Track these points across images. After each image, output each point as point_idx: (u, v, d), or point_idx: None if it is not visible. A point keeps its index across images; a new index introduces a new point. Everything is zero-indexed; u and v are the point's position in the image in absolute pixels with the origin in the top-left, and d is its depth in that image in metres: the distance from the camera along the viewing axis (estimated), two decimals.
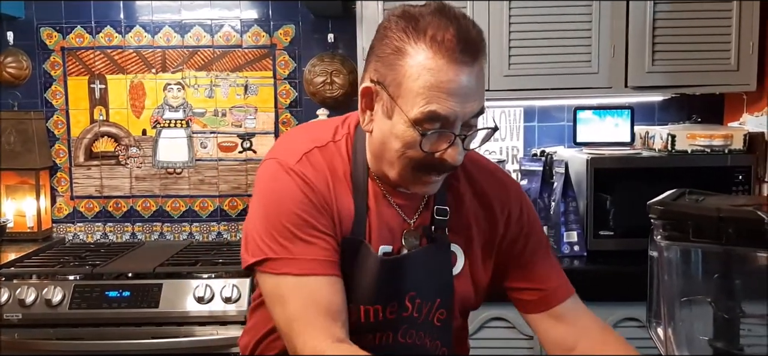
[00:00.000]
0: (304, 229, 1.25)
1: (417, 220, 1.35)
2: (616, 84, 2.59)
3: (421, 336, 1.35)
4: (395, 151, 1.22)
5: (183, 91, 3.02)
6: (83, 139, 3.06)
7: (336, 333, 1.23)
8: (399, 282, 1.31)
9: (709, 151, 2.50)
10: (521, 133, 3.03)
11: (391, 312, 1.31)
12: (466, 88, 1.15)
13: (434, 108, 1.15)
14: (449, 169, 1.24)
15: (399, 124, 1.19)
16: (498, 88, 2.61)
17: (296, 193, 1.25)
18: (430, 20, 1.17)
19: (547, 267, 1.44)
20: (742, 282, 1.07)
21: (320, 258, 1.24)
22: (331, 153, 1.31)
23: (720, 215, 1.03)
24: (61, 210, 3.10)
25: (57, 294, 2.37)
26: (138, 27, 3.00)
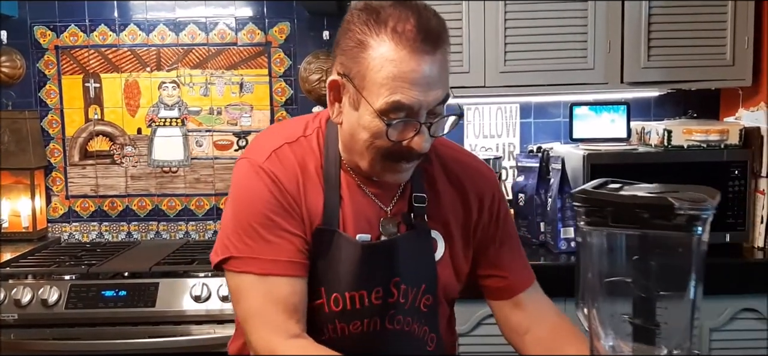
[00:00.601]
0: (269, 229, 1.28)
1: (394, 208, 1.38)
2: (612, 79, 2.59)
3: (408, 322, 1.37)
4: (363, 142, 1.25)
5: (178, 90, 3.01)
6: (78, 138, 3.05)
7: (291, 329, 1.26)
8: (382, 268, 1.33)
9: (706, 147, 2.50)
10: (517, 129, 3.03)
11: (377, 297, 1.33)
12: (428, 77, 1.18)
13: (398, 98, 1.18)
14: (417, 157, 1.27)
15: (365, 115, 1.22)
16: (494, 84, 2.61)
17: (264, 193, 1.29)
18: (390, 12, 1.19)
19: (514, 255, 1.49)
20: (657, 263, 1.15)
21: (282, 259, 1.28)
22: (301, 147, 1.34)
23: (635, 202, 1.11)
24: (57, 210, 3.09)
25: (53, 294, 2.36)
26: (132, 25, 2.99)
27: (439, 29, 1.21)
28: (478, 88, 2.62)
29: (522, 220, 2.68)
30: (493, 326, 2.38)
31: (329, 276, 1.32)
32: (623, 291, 1.18)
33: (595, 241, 1.18)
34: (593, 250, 1.19)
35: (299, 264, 1.29)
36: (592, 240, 1.18)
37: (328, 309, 1.32)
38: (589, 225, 1.17)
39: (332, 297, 1.32)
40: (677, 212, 1.07)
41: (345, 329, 1.33)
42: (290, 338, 1.26)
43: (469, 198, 1.45)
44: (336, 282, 1.32)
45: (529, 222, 2.66)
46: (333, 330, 1.34)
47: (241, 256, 1.29)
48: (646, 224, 1.10)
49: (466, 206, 1.44)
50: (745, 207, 2.51)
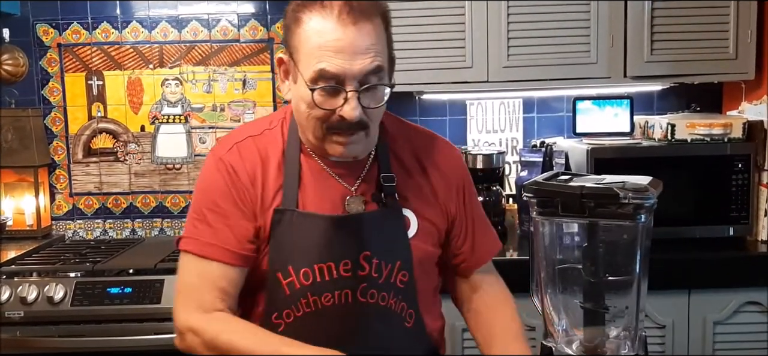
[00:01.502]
0: (215, 215, 1.38)
1: (359, 187, 1.44)
2: (615, 74, 2.59)
3: (384, 297, 1.42)
4: (303, 113, 1.34)
5: (181, 87, 3.02)
6: (81, 136, 3.05)
7: (214, 307, 1.36)
8: (348, 241, 1.39)
9: (709, 140, 2.51)
10: (520, 123, 3.03)
11: (345, 270, 1.39)
12: (353, 46, 1.26)
13: (323, 65, 1.27)
14: (351, 127, 1.33)
15: (301, 87, 1.31)
16: (497, 79, 2.61)
17: (218, 182, 1.40)
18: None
19: (479, 237, 1.56)
20: (604, 250, 1.22)
21: (219, 244, 1.37)
22: (265, 140, 1.44)
23: (582, 192, 1.18)
24: (61, 208, 3.10)
25: (59, 292, 2.36)
26: (135, 22, 2.99)
27: (367, 2, 1.30)
28: (481, 82, 2.63)
29: (525, 215, 2.69)
30: None
31: (295, 253, 1.38)
32: (574, 278, 1.26)
33: (546, 231, 1.27)
34: (545, 239, 1.28)
35: (235, 254, 1.38)
36: (544, 229, 1.27)
37: (299, 284, 1.39)
38: (540, 215, 1.26)
39: (302, 271, 1.38)
40: (622, 201, 1.15)
41: (318, 301, 1.38)
42: (206, 312, 1.35)
43: (440, 178, 1.51)
44: (303, 257, 1.38)
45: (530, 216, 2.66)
46: (306, 304, 1.39)
47: (187, 236, 1.40)
48: (592, 213, 1.18)
49: (437, 185, 1.50)
50: (749, 201, 2.51)
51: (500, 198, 2.75)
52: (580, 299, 1.25)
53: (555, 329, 1.30)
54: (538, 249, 1.29)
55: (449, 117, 3.04)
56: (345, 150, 1.37)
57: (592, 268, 1.22)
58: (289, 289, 1.39)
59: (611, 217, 1.17)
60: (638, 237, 1.21)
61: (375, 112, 1.36)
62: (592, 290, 1.23)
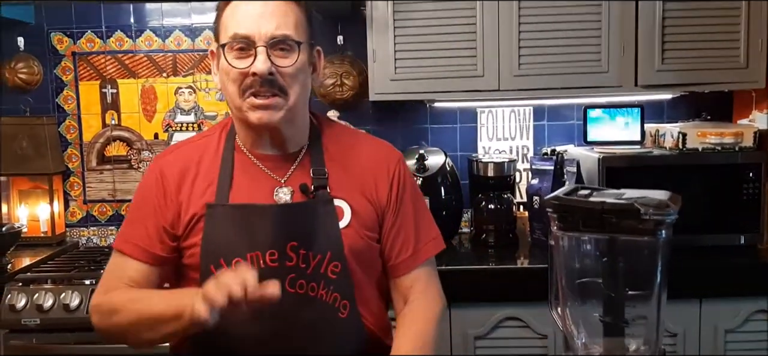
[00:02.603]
0: (137, 213, 1.52)
1: (289, 180, 1.51)
2: (626, 82, 2.60)
3: (313, 287, 1.45)
4: (225, 84, 1.45)
5: (194, 95, 3.04)
6: (95, 144, 3.08)
7: (113, 289, 1.48)
8: (275, 231, 1.44)
9: (720, 149, 2.51)
10: (531, 131, 3.04)
11: (272, 260, 1.43)
12: (260, 12, 1.41)
13: (233, 30, 1.41)
14: (265, 84, 1.40)
15: (222, 60, 1.43)
16: (508, 87, 2.62)
17: (147, 183, 1.53)
18: None
19: (418, 232, 1.58)
20: (624, 265, 1.24)
21: (134, 242, 1.49)
22: (201, 143, 1.55)
23: (603, 208, 1.19)
24: (74, 215, 3.12)
25: (74, 299, 2.38)
26: (148, 31, 3.02)
27: None
28: (492, 91, 2.64)
29: (537, 223, 2.70)
30: (511, 328, 2.43)
31: (226, 244, 1.44)
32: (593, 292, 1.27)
33: (566, 245, 1.27)
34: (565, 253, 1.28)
35: (147, 252, 1.48)
36: (564, 243, 1.28)
37: None
38: (561, 229, 1.27)
39: (233, 262, 1.43)
40: (643, 217, 1.16)
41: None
42: (111, 292, 1.48)
43: (372, 171, 1.56)
44: (234, 248, 1.44)
45: (544, 224, 2.67)
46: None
47: (119, 232, 1.55)
48: (613, 228, 1.19)
49: (369, 177, 1.55)
50: (760, 209, 2.52)
51: (511, 206, 2.76)
52: (599, 312, 1.26)
53: (575, 342, 1.31)
54: (558, 262, 1.30)
55: (460, 124, 3.06)
56: (263, 114, 1.43)
57: (612, 283, 1.24)
58: None
59: (632, 233, 1.18)
60: (659, 252, 1.21)
61: (290, 78, 1.44)
62: (612, 304, 1.24)
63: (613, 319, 1.25)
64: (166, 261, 1.51)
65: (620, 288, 1.24)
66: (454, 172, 2.82)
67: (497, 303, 2.43)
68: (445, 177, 2.76)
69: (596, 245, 1.25)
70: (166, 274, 1.53)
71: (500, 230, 2.73)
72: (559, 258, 1.29)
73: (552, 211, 1.27)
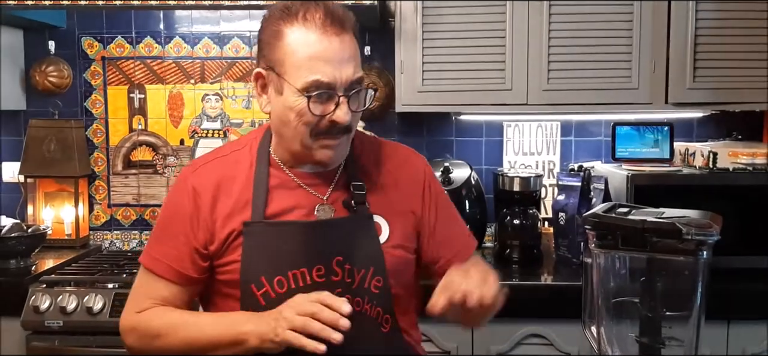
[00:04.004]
0: (167, 231, 1.48)
1: (330, 197, 1.48)
2: (656, 100, 2.57)
3: (358, 302, 1.44)
4: (292, 122, 1.39)
5: (221, 102, 3.05)
6: (121, 148, 3.10)
7: (143, 307, 1.47)
8: (320, 247, 1.43)
9: (752, 169, 2.48)
10: (558, 147, 3.02)
11: (319, 275, 1.42)
12: (340, 55, 1.35)
13: (316, 76, 1.34)
14: (341, 131, 1.40)
15: (290, 97, 1.37)
16: (537, 102, 2.61)
17: (177, 200, 1.48)
18: (300, 6, 1.37)
19: (454, 233, 1.59)
20: (663, 285, 1.22)
21: (165, 262, 1.46)
22: (231, 159, 1.51)
23: (644, 226, 1.18)
24: (99, 218, 3.14)
25: (98, 302, 2.39)
26: (177, 38, 3.04)
27: (345, 16, 1.38)
28: (521, 105, 2.62)
29: (562, 239, 2.67)
30: (534, 346, 2.40)
31: (267, 262, 1.42)
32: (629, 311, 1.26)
33: (603, 262, 1.26)
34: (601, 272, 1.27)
35: (179, 273, 1.46)
36: (601, 261, 1.27)
37: (274, 294, 1.41)
38: (599, 247, 1.25)
39: (275, 280, 1.41)
40: (685, 237, 1.14)
41: None
42: (137, 313, 1.49)
43: (404, 182, 1.55)
44: (276, 265, 1.41)
45: (569, 241, 2.64)
46: None
47: (145, 249, 1.52)
48: (654, 247, 1.17)
49: (402, 190, 1.54)
50: None
51: (536, 221, 2.74)
52: (634, 332, 1.24)
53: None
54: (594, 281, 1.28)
55: (485, 138, 3.04)
56: (334, 153, 1.43)
57: (649, 303, 1.22)
58: (264, 300, 1.41)
59: (672, 252, 1.16)
60: (699, 273, 1.20)
61: (356, 117, 1.43)
62: (649, 324, 1.23)
63: (650, 340, 1.23)
64: (197, 282, 1.49)
65: (658, 309, 1.22)
66: (478, 185, 2.80)
67: (520, 320, 2.40)
68: (470, 190, 2.74)
69: (634, 264, 1.23)
70: (196, 291, 1.52)
71: (525, 246, 2.71)
72: (595, 276, 1.27)
73: (590, 228, 1.25)
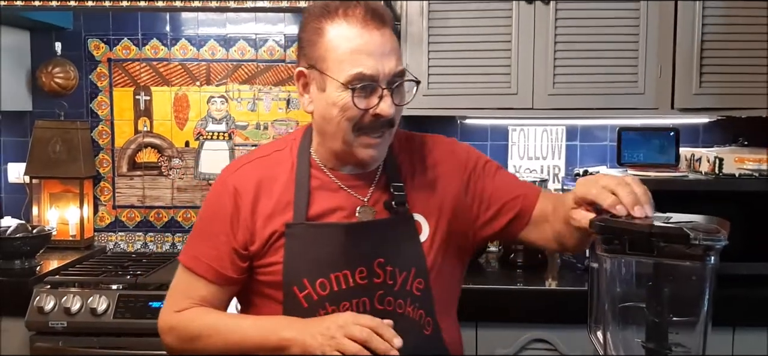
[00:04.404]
0: (207, 230, 1.47)
1: (371, 198, 1.48)
2: (662, 105, 2.56)
3: (400, 304, 1.44)
4: (335, 118, 1.38)
5: (226, 104, 3.05)
6: (127, 150, 3.10)
7: (182, 307, 1.46)
8: (362, 249, 1.42)
9: (758, 175, 2.46)
10: (563, 152, 3.01)
11: (361, 277, 1.42)
12: (381, 48, 1.35)
13: (359, 69, 1.34)
14: (385, 125, 1.40)
15: (333, 92, 1.37)
16: (542, 106, 2.60)
17: (218, 200, 1.48)
18: (339, 3, 1.38)
19: (509, 186, 1.55)
20: (670, 290, 1.21)
21: (205, 261, 1.45)
22: (272, 160, 1.50)
23: (651, 231, 1.16)
24: (103, 219, 3.14)
25: (102, 304, 2.39)
26: (183, 40, 3.04)
27: (384, 11, 1.39)
28: (526, 109, 2.61)
29: None
30: (538, 351, 2.39)
31: (310, 264, 1.41)
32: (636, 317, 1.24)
33: (609, 267, 1.25)
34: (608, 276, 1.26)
35: (218, 273, 1.45)
36: (607, 266, 1.25)
37: (316, 295, 1.40)
38: (606, 252, 1.24)
39: (318, 282, 1.41)
40: (693, 242, 1.13)
41: (336, 311, 1.39)
42: (176, 312, 1.48)
43: (444, 175, 1.53)
44: (317, 267, 1.41)
45: None
46: (325, 315, 1.39)
47: (184, 248, 1.52)
48: (661, 253, 1.16)
49: (446, 186, 1.52)
50: None
51: None
52: (641, 338, 1.23)
53: None
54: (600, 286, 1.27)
55: (490, 142, 3.03)
56: (375, 152, 1.42)
57: (657, 308, 1.21)
58: (306, 302, 1.41)
59: (680, 258, 1.15)
60: (706, 278, 1.18)
61: (399, 112, 1.42)
62: (656, 330, 1.21)
63: (656, 345, 1.22)
64: (236, 282, 1.48)
65: (665, 314, 1.21)
66: None
67: (524, 325, 2.39)
68: None
69: (641, 269, 1.22)
70: (235, 292, 1.51)
71: (529, 250, 2.69)
72: (601, 281, 1.26)
73: (597, 232, 1.24)
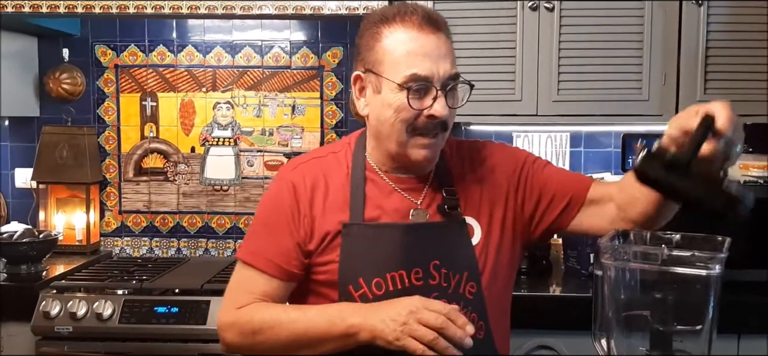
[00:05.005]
0: (267, 226, 1.48)
1: (424, 201, 1.50)
2: (666, 111, 2.56)
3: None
4: (389, 119, 1.40)
5: (232, 110, 3.07)
6: (133, 155, 3.12)
7: (242, 303, 1.43)
8: (417, 250, 1.44)
9: (763, 183, 2.46)
10: (567, 158, 3.01)
11: (417, 278, 1.42)
12: (437, 51, 1.38)
13: (415, 70, 1.36)
14: (438, 127, 1.41)
15: (388, 94, 1.39)
16: (546, 113, 2.60)
17: (277, 196, 1.49)
18: (397, 9, 1.41)
19: (558, 176, 1.58)
20: (674, 298, 1.22)
21: (265, 256, 1.45)
22: (328, 161, 1.52)
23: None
24: (110, 225, 3.16)
25: (107, 309, 2.40)
26: (190, 46, 3.06)
27: (440, 18, 1.42)
28: (530, 116, 2.62)
29: (571, 251, 2.66)
30: None
31: (365, 264, 1.43)
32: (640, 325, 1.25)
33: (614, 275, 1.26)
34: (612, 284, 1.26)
35: (278, 267, 1.45)
36: (611, 274, 1.26)
37: (371, 295, 1.41)
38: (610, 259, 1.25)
39: (374, 282, 1.41)
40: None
41: None
42: (237, 309, 1.44)
43: (496, 178, 1.55)
44: (374, 267, 1.42)
45: (578, 252, 2.63)
46: None
47: (242, 246, 1.52)
48: (666, 261, 1.18)
49: (498, 190, 1.54)
50: None
51: None
52: (645, 346, 1.23)
53: None
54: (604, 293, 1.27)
55: None
56: (428, 153, 1.43)
57: (661, 316, 1.21)
58: (362, 301, 1.41)
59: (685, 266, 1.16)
60: (711, 286, 1.19)
61: (452, 115, 1.44)
62: (660, 338, 1.22)
63: (661, 353, 1.22)
64: (296, 278, 1.48)
65: (669, 322, 1.22)
66: None
67: (529, 331, 2.39)
68: None
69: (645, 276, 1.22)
70: (292, 289, 1.50)
71: (533, 256, 2.70)
72: (605, 288, 1.26)
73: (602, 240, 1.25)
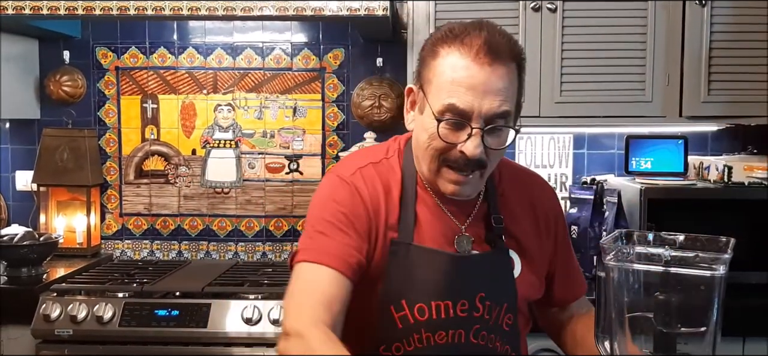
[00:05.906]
0: (331, 226, 1.35)
1: (468, 227, 1.44)
2: (670, 113, 2.55)
3: (492, 339, 1.41)
4: (423, 143, 1.35)
5: (233, 112, 3.05)
6: (134, 157, 3.11)
7: (319, 317, 1.26)
8: (466, 282, 1.39)
9: (766, 183, 2.44)
10: (570, 160, 3.00)
11: (462, 310, 1.38)
12: (485, 85, 1.27)
13: (453, 101, 1.28)
14: (469, 165, 1.33)
15: (427, 117, 1.33)
16: (549, 114, 2.58)
17: (340, 197, 1.38)
18: (464, 28, 1.32)
19: (571, 270, 1.61)
20: (678, 300, 1.21)
21: (334, 253, 1.32)
22: (384, 168, 1.45)
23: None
24: (110, 227, 3.14)
25: (108, 312, 2.38)
26: (191, 48, 3.05)
27: (506, 46, 1.31)
28: (533, 117, 2.60)
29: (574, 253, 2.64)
30: None
31: (410, 287, 1.37)
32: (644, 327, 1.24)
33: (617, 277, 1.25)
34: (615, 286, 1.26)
35: (347, 263, 1.32)
36: (615, 276, 1.25)
37: (412, 319, 1.37)
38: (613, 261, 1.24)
39: (416, 307, 1.37)
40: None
41: (430, 339, 1.37)
42: (313, 325, 1.25)
43: (539, 218, 1.52)
44: (419, 292, 1.37)
45: (582, 255, 2.61)
46: (418, 340, 1.38)
47: (303, 249, 1.36)
48: (669, 263, 1.18)
49: (536, 225, 1.51)
50: None
51: None
52: (649, 348, 1.22)
53: None
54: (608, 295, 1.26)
55: None
56: (457, 188, 1.37)
57: (665, 318, 1.21)
58: (401, 323, 1.37)
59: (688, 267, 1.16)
60: (715, 288, 1.18)
61: (495, 154, 1.35)
62: (664, 340, 1.21)
63: None
64: (359, 279, 1.36)
65: (673, 324, 1.21)
66: None
67: (532, 334, 2.35)
68: None
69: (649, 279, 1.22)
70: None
71: None
72: (610, 290, 1.25)
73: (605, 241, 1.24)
